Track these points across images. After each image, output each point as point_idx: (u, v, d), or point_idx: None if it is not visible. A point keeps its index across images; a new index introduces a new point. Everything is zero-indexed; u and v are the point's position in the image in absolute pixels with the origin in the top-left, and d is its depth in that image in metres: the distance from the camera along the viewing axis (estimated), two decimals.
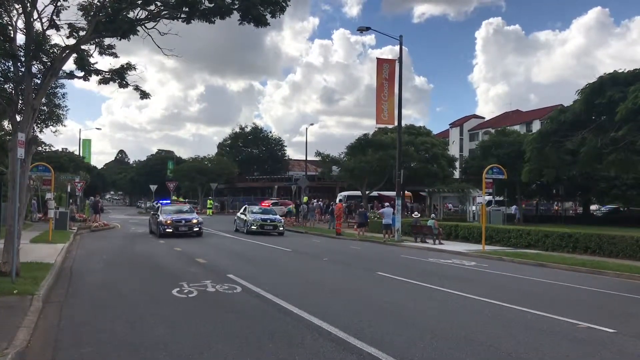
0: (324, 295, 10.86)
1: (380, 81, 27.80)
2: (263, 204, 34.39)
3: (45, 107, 20.82)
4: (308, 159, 61.15)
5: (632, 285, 13.70)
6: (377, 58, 28.57)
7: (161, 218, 26.70)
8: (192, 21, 13.12)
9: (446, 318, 8.77)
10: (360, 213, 30.85)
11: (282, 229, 30.45)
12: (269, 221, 30.12)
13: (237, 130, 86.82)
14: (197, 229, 26.66)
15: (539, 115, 76.00)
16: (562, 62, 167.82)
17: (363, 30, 27.77)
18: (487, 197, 24.14)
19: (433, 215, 31.99)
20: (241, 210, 33.23)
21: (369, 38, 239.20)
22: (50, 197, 22.74)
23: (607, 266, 16.40)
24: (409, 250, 22.84)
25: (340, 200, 47.42)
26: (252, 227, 29.41)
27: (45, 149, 48.28)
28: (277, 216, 32.22)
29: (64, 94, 24.05)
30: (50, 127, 24.01)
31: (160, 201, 33.29)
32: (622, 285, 13.63)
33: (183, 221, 26.62)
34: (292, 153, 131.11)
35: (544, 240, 22.27)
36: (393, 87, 27.78)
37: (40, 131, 23.12)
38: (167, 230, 25.96)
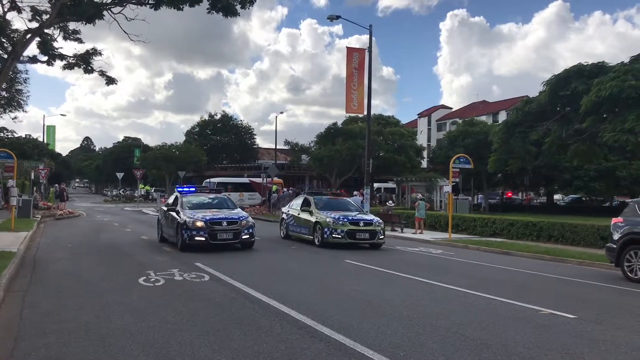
0: (292, 283, 10.88)
1: (350, 70, 27.78)
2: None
3: (5, 93, 20.30)
4: (278, 147, 61.00)
5: (593, 272, 14.08)
6: (347, 47, 28.58)
7: (185, 217, 16.01)
8: (160, 7, 12.92)
9: (413, 305, 8.87)
10: None
11: (382, 237, 18.31)
12: (362, 224, 18.03)
13: (207, 118, 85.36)
14: (247, 236, 16.35)
15: (506, 106, 77.17)
16: (523, 55, 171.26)
17: (333, 18, 27.60)
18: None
19: (419, 195, 31.71)
20: (295, 205, 20.54)
21: (337, 28, 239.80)
22: (13, 185, 22.23)
23: (569, 254, 16.82)
24: None
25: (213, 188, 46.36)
26: (334, 235, 17.65)
27: (7, 135, 47.16)
28: (373, 216, 19.47)
29: (25, 79, 23.53)
30: (10, 113, 23.46)
31: (179, 188, 19.64)
32: (584, 272, 14.00)
33: (224, 222, 16.10)
34: (260, 142, 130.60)
35: (509, 229, 22.71)
36: (362, 76, 27.80)
37: None
38: (198, 238, 15.58)
